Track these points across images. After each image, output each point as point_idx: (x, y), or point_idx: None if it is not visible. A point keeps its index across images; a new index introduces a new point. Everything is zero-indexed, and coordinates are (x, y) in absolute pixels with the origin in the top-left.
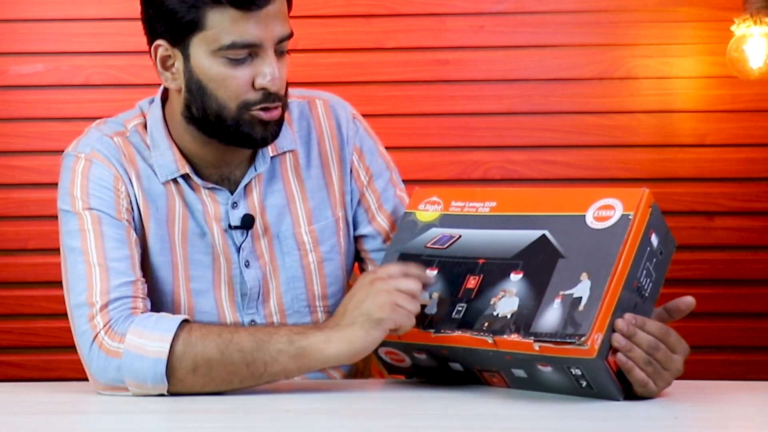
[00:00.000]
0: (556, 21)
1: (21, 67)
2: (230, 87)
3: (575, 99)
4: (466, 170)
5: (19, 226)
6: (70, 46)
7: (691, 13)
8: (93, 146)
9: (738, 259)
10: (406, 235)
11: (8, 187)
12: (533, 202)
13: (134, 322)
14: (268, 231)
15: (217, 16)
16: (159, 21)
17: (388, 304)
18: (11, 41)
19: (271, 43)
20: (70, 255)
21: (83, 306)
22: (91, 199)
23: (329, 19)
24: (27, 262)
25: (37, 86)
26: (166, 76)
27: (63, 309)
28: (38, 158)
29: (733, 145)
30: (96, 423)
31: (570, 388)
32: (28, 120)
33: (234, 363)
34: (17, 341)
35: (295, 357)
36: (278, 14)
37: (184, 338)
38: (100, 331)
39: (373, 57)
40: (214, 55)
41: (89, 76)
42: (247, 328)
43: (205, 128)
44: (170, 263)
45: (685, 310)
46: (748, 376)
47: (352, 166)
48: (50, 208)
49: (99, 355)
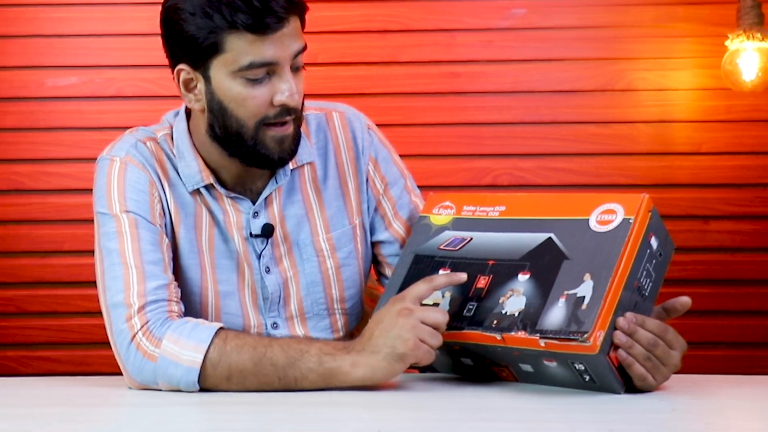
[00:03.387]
0: (561, 36)
1: (57, 79)
2: (250, 106)
3: (579, 110)
4: (476, 177)
5: (56, 230)
6: (103, 60)
7: (687, 29)
8: (128, 150)
9: (732, 261)
10: (421, 237)
11: (45, 193)
12: (540, 206)
13: (171, 327)
14: (287, 239)
15: (234, 40)
16: (180, 46)
17: (412, 339)
18: (48, 55)
19: (287, 60)
20: (107, 256)
21: (120, 306)
22: (128, 202)
23: (347, 35)
24: (63, 263)
25: (73, 98)
26: (189, 98)
27: (97, 307)
28: (73, 165)
29: (728, 153)
30: (129, 415)
31: (574, 382)
32: (64, 129)
33: (267, 375)
34: (53, 338)
35: (323, 376)
36: (292, 32)
37: (220, 347)
38: (137, 332)
39: (388, 70)
40: (234, 76)
41: (121, 88)
42: (280, 342)
43: (226, 146)
44: (198, 266)
45: (682, 309)
46: (742, 370)
47: (368, 175)
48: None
49: (136, 355)
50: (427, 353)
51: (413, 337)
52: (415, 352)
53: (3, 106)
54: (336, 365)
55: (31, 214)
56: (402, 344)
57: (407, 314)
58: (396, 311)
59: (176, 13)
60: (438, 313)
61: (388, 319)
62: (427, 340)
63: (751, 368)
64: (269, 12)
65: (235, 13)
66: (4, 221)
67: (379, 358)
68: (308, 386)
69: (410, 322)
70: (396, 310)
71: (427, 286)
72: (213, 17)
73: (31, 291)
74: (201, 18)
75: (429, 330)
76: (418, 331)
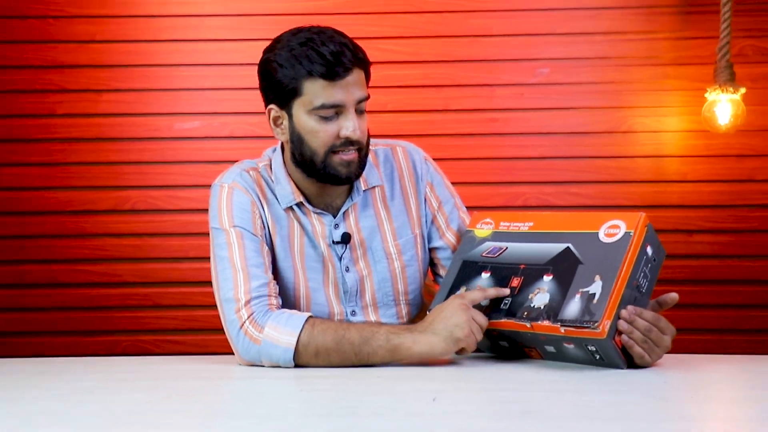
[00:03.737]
0: (577, 90)
1: (183, 123)
2: (321, 138)
3: (590, 147)
4: (511, 199)
5: (182, 241)
6: (218, 109)
7: (675, 84)
8: (234, 178)
9: (711, 266)
10: (468, 247)
11: (174, 212)
12: (560, 222)
13: (271, 317)
14: (363, 245)
15: (310, 85)
16: (271, 90)
17: (467, 329)
18: (176, 104)
19: (351, 103)
20: (220, 262)
21: (231, 301)
22: (235, 219)
23: (409, 89)
24: (188, 267)
25: (195, 138)
26: (277, 132)
27: (213, 302)
28: (195, 191)
29: (707, 181)
30: (239, 386)
31: (587, 360)
32: (188, 162)
33: (346, 352)
34: (180, 326)
35: (390, 351)
36: (357, 82)
37: (309, 331)
38: (245, 321)
39: (442, 116)
40: (310, 114)
41: (233, 130)
42: (356, 325)
43: (304, 169)
44: (292, 268)
45: (671, 303)
46: (719, 351)
47: (425, 196)
48: (203, 228)
49: (244, 339)
50: (473, 342)
51: (468, 328)
52: (467, 339)
53: (141, 144)
54: (400, 342)
55: (163, 229)
56: (459, 331)
57: (465, 309)
58: (457, 305)
59: (269, 65)
60: (483, 317)
61: (450, 311)
62: (475, 333)
63: (727, 349)
64: (338, 64)
65: (312, 64)
66: (142, 234)
67: (439, 339)
68: (378, 360)
69: (467, 316)
70: (457, 304)
71: (480, 294)
72: (295, 67)
73: (162, 289)
74: (287, 68)
75: (477, 326)
76: (471, 325)
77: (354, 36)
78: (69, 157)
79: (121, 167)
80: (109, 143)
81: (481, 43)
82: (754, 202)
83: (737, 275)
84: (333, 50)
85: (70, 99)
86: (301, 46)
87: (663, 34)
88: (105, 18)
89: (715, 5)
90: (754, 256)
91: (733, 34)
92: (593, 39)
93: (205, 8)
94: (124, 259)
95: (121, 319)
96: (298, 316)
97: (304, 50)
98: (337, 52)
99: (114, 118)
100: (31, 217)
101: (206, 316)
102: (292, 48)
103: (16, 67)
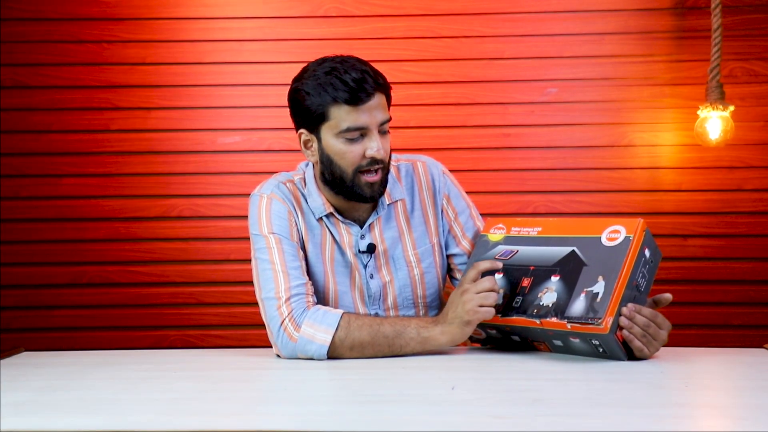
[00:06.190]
0: (582, 108)
1: (225, 138)
2: (348, 158)
3: (594, 160)
4: (521, 207)
5: (224, 245)
6: (258, 124)
7: (671, 102)
8: (272, 189)
9: (703, 267)
10: (482, 250)
11: (217, 218)
12: (566, 228)
13: (308, 315)
14: (386, 254)
15: (336, 110)
16: (300, 116)
17: (471, 309)
18: (219, 121)
19: (375, 126)
20: (260, 264)
21: (272, 299)
22: (273, 226)
23: (430, 107)
24: (230, 268)
25: (236, 151)
26: (308, 153)
27: (254, 300)
28: (236, 199)
29: (700, 191)
30: (277, 375)
31: (591, 353)
32: (230, 173)
33: (380, 344)
34: (223, 321)
35: (420, 342)
36: (379, 105)
37: (345, 327)
38: (285, 318)
39: (460, 131)
40: (337, 137)
41: (271, 145)
42: (388, 320)
43: (333, 187)
44: (323, 272)
45: (666, 302)
46: (711, 344)
47: (443, 207)
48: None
49: (283, 335)
50: (486, 312)
51: (471, 306)
52: (477, 315)
53: (186, 157)
54: (429, 334)
55: (207, 234)
56: (465, 313)
57: (464, 292)
58: (459, 294)
59: (298, 93)
60: (486, 281)
61: (455, 299)
62: (483, 302)
63: (718, 343)
64: (361, 90)
65: (336, 91)
66: (188, 239)
67: (454, 327)
68: (410, 351)
69: (467, 297)
70: (459, 293)
71: (474, 270)
72: (322, 95)
73: (207, 288)
74: (314, 96)
75: (481, 296)
76: (475, 301)
77: (379, 59)
78: (121, 169)
79: (168, 178)
80: (157, 156)
81: (495, 66)
82: (742, 210)
83: (728, 276)
84: (355, 77)
85: (122, 116)
86: (326, 75)
87: (660, 57)
88: (154, 42)
89: (707, 31)
90: (743, 258)
91: (723, 57)
92: (597, 62)
93: (245, 34)
94: (172, 261)
95: (169, 316)
96: (333, 313)
97: (329, 79)
98: (359, 79)
99: (162, 133)
100: (87, 223)
101: (246, 313)
102: (317, 77)
103: (73, 87)
